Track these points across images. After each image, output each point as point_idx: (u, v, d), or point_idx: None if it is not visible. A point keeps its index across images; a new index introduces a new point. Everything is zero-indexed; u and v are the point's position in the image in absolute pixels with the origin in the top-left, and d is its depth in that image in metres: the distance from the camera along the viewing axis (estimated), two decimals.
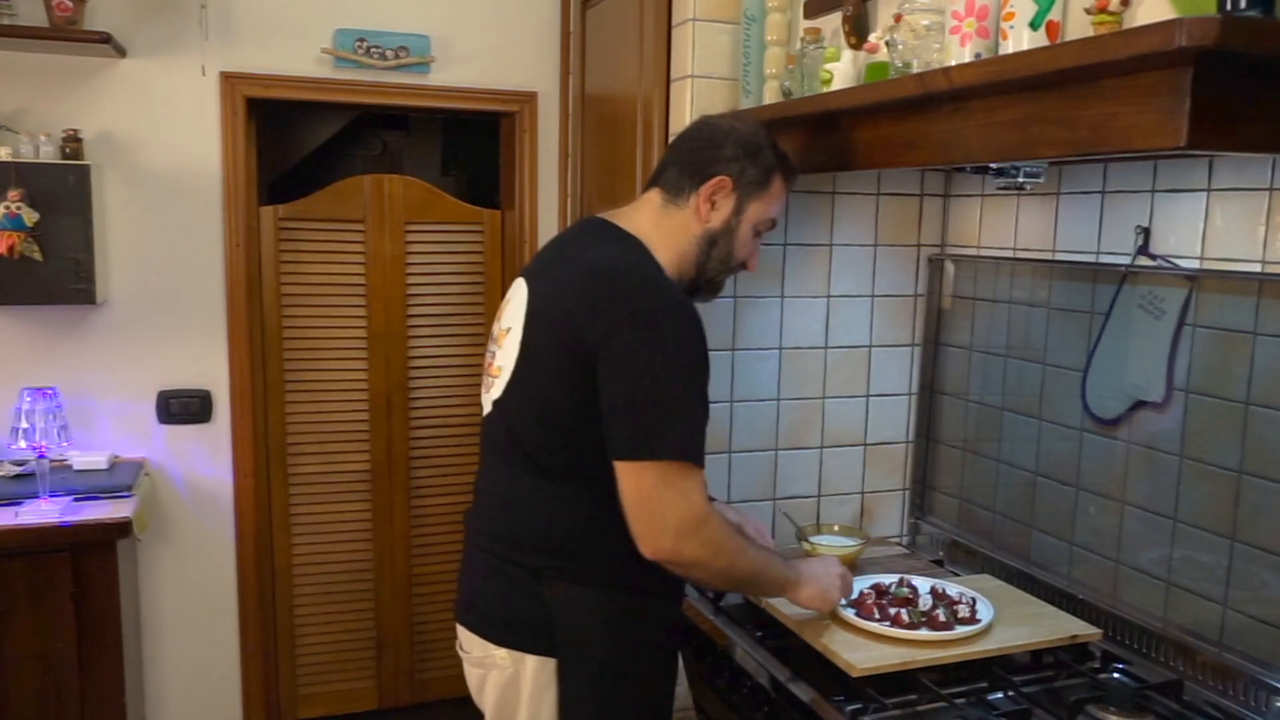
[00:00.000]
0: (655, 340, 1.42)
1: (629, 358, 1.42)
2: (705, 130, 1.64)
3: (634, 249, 1.57)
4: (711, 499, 1.93)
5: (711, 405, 1.99)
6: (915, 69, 1.51)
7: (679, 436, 1.42)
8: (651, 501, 1.42)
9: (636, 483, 1.43)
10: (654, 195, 1.64)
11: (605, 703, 1.54)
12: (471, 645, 1.63)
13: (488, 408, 1.62)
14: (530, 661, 1.55)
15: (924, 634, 1.70)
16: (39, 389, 2.44)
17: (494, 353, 1.62)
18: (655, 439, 1.41)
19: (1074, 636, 1.77)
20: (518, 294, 1.60)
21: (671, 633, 1.65)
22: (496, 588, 1.58)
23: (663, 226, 1.61)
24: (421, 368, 3.28)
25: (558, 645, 1.54)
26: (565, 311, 1.48)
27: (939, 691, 1.59)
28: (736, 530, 1.59)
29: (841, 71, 1.79)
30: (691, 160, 1.61)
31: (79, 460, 2.71)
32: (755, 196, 1.62)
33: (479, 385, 1.70)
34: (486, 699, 1.63)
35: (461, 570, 1.71)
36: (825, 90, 1.79)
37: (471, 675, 1.66)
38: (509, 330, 1.58)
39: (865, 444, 2.41)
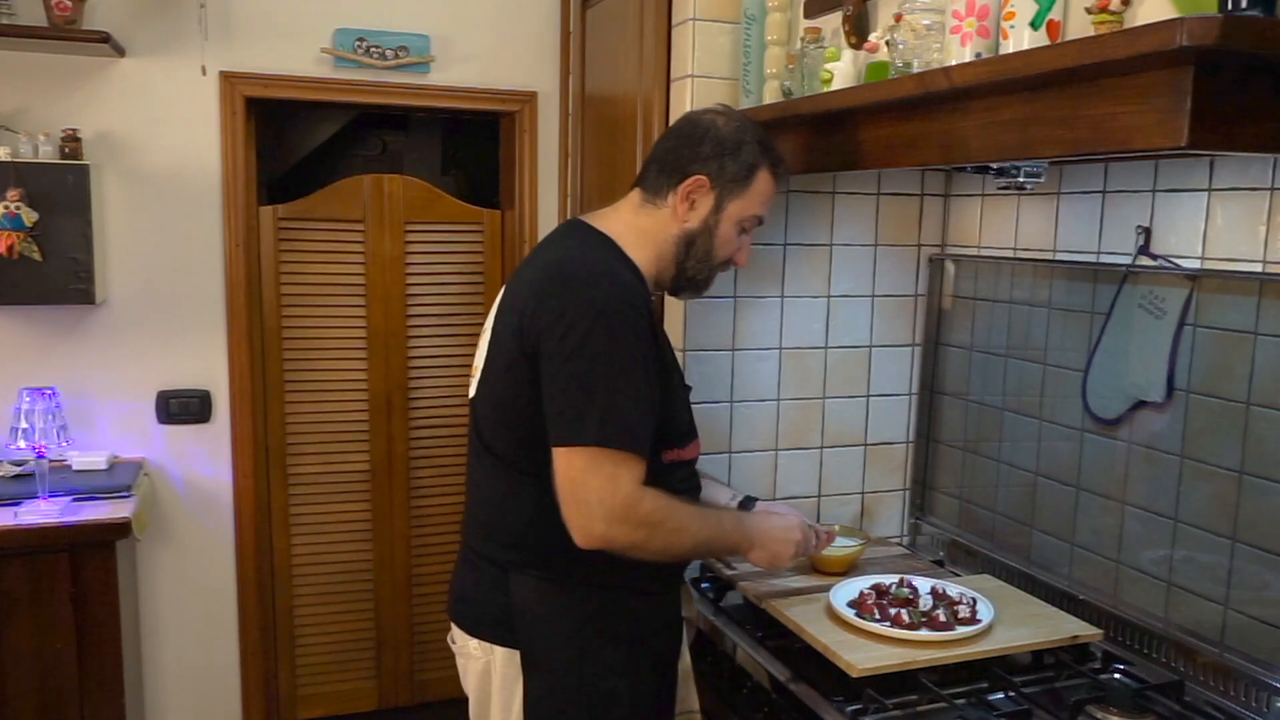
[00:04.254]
0: (587, 329, 1.42)
1: (562, 345, 1.43)
2: (686, 128, 1.63)
3: (596, 246, 1.57)
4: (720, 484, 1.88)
5: (712, 405, 1.99)
6: (915, 69, 1.51)
7: (606, 421, 1.40)
8: (579, 487, 1.42)
9: (566, 469, 1.42)
10: (634, 195, 1.65)
11: (572, 697, 1.53)
12: (455, 635, 1.68)
13: (469, 407, 1.67)
14: (499, 653, 1.58)
15: (924, 634, 1.69)
16: (38, 389, 2.43)
17: (477, 354, 1.68)
18: (582, 424, 1.41)
19: (1075, 637, 1.77)
20: (499, 297, 1.65)
21: (655, 629, 1.62)
22: (471, 580, 1.63)
23: (638, 226, 1.61)
24: (421, 368, 3.27)
25: (520, 638, 1.56)
26: (518, 309, 1.51)
27: (939, 692, 1.59)
28: (680, 501, 1.54)
29: (842, 71, 1.79)
30: (670, 159, 1.61)
31: (78, 460, 2.71)
32: (735, 195, 1.60)
33: None
34: (469, 688, 1.68)
35: (455, 565, 1.76)
36: (825, 90, 1.79)
37: (458, 664, 1.71)
38: (485, 331, 1.64)
39: (865, 444, 2.41)
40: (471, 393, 1.64)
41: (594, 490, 1.41)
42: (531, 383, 1.47)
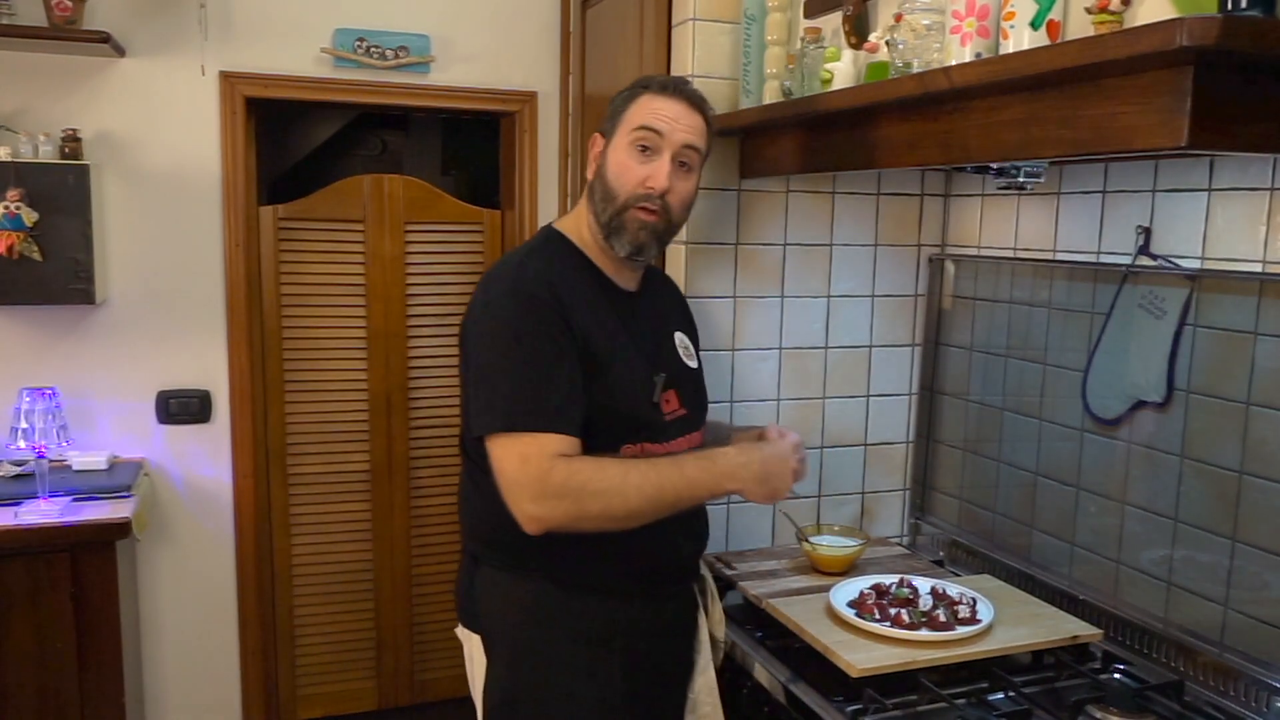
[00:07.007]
0: (483, 323, 1.53)
1: (469, 346, 1.56)
2: None
3: (530, 245, 1.67)
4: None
5: (711, 405, 1.98)
6: (915, 69, 1.51)
7: (508, 406, 1.46)
8: (501, 475, 1.46)
9: (493, 461, 1.47)
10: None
11: (519, 685, 1.58)
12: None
13: None
14: (474, 639, 1.66)
15: (924, 634, 1.70)
16: (38, 389, 2.44)
17: None
18: (488, 414, 1.48)
19: (1074, 637, 1.77)
20: None
21: (628, 633, 1.59)
22: (460, 572, 1.73)
23: (579, 210, 1.70)
24: (421, 368, 3.27)
25: (481, 625, 1.64)
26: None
27: (939, 692, 1.59)
28: (610, 459, 1.48)
29: (842, 71, 1.79)
30: None
31: (78, 460, 2.70)
32: (616, 128, 1.63)
33: None
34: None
35: None
36: (825, 90, 1.79)
37: None
38: None
39: (865, 444, 2.41)
40: None
41: (511, 474, 1.44)
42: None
